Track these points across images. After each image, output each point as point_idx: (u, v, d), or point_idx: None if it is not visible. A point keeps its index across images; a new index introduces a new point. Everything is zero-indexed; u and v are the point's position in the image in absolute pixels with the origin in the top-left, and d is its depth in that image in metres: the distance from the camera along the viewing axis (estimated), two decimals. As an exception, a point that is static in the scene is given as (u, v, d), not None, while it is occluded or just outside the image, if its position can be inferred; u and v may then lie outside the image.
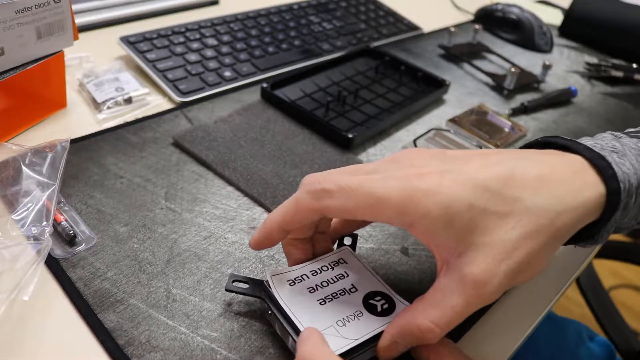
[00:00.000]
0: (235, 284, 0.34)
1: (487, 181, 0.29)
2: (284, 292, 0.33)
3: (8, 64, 0.43)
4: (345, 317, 0.32)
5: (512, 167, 0.30)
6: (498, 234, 0.28)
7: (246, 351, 0.33)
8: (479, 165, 0.30)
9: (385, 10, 0.85)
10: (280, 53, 0.66)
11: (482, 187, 0.29)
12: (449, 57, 0.75)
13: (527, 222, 0.28)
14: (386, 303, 0.33)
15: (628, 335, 0.91)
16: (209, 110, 0.55)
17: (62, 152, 0.43)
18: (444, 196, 0.28)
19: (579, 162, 0.32)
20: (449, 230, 0.28)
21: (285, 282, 0.33)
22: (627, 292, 1.50)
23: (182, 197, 0.43)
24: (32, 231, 0.37)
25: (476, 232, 0.28)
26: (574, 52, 0.85)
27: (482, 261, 0.28)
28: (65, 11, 0.45)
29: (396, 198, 0.29)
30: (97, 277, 0.36)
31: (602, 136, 0.36)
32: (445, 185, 0.29)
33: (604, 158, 0.31)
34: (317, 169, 0.48)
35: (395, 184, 0.29)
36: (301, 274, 0.34)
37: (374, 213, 0.30)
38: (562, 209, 0.29)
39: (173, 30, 0.65)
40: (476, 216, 0.28)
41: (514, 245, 0.28)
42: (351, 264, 0.35)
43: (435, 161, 0.31)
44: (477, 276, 0.28)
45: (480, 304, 0.28)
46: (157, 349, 0.32)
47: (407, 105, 0.59)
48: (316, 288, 0.33)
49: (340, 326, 0.31)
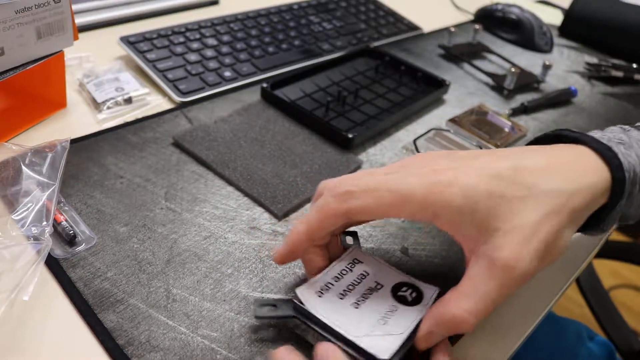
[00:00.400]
0: (264, 310, 0.33)
1: (500, 171, 0.31)
2: (317, 305, 0.32)
3: (8, 64, 0.43)
4: (383, 314, 0.32)
5: (520, 159, 0.32)
6: (520, 217, 0.29)
7: (246, 351, 0.33)
8: (488, 160, 0.32)
9: (385, 10, 0.85)
10: (280, 53, 0.66)
11: (496, 176, 0.30)
12: (449, 57, 0.75)
13: (544, 204, 0.30)
14: (414, 292, 0.34)
15: (628, 335, 0.91)
16: (209, 110, 0.55)
17: (62, 152, 0.43)
18: (464, 186, 0.30)
19: (586, 152, 0.33)
20: (473, 218, 0.30)
21: (314, 295, 0.33)
22: (627, 292, 1.50)
23: (182, 197, 0.43)
24: (32, 231, 0.37)
25: (499, 218, 0.29)
26: (574, 52, 0.85)
27: (508, 245, 0.29)
28: (65, 11, 0.45)
29: (419, 192, 0.30)
30: (97, 277, 0.36)
31: (611, 129, 0.38)
32: (462, 177, 0.30)
33: (611, 149, 0.33)
34: (317, 169, 0.48)
35: (415, 180, 0.31)
36: (325, 282, 0.34)
37: (399, 209, 0.31)
38: (575, 189, 0.31)
39: (173, 30, 0.65)
40: (496, 203, 0.29)
41: (536, 226, 0.29)
42: (366, 262, 0.36)
43: (445, 160, 0.32)
44: (506, 260, 0.29)
45: (513, 287, 0.29)
46: (157, 349, 0.32)
47: (407, 105, 0.59)
48: (345, 293, 0.33)
49: (383, 324, 0.31)
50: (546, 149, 0.34)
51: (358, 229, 0.40)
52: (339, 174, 0.48)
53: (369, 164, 0.51)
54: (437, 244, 0.43)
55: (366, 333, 0.31)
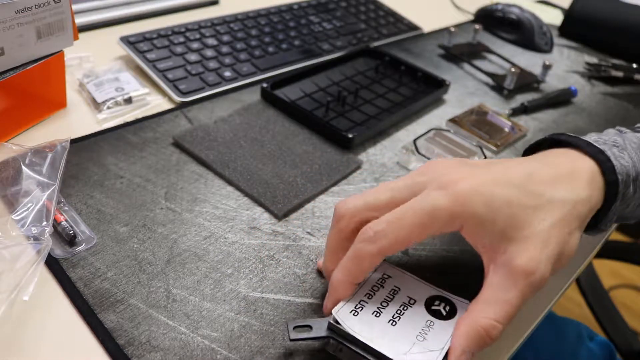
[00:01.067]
0: (299, 332, 0.32)
1: (515, 180, 0.32)
2: (354, 324, 0.32)
3: (8, 63, 0.43)
4: (420, 330, 0.32)
5: (529, 169, 0.33)
6: (534, 226, 0.31)
7: (246, 351, 0.33)
8: (502, 168, 0.33)
9: (385, 10, 0.85)
10: (280, 53, 0.66)
11: (513, 185, 0.32)
12: (449, 57, 0.75)
13: (553, 213, 0.31)
14: (447, 305, 0.34)
15: (628, 336, 0.91)
16: (209, 110, 0.55)
17: (62, 152, 0.43)
18: (486, 195, 0.31)
19: (581, 158, 0.35)
20: (493, 228, 0.31)
21: (349, 315, 0.32)
22: (627, 292, 1.50)
23: (182, 197, 0.43)
24: (32, 231, 0.37)
25: (517, 227, 0.31)
26: (574, 52, 0.85)
27: (526, 253, 0.30)
28: (65, 11, 0.45)
29: (445, 206, 0.31)
30: (97, 277, 0.36)
31: (607, 131, 0.40)
32: (482, 187, 0.31)
33: (604, 152, 0.35)
34: (317, 169, 0.48)
35: (438, 195, 0.31)
36: (358, 301, 0.33)
37: (428, 228, 0.31)
38: (578, 199, 0.32)
39: (173, 30, 0.65)
40: (513, 212, 0.31)
41: (549, 233, 0.31)
42: (396, 276, 0.36)
43: (462, 168, 0.33)
44: (525, 266, 0.30)
45: (533, 292, 0.30)
46: (157, 349, 0.32)
47: (407, 105, 0.59)
48: (379, 311, 0.33)
49: (421, 341, 0.31)
50: (548, 157, 0.36)
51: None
52: (339, 174, 0.48)
53: (369, 164, 0.51)
54: (437, 244, 0.43)
55: (406, 351, 0.31)
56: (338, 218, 0.34)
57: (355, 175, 0.49)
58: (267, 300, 0.36)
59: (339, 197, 0.46)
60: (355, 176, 0.49)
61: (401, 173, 0.51)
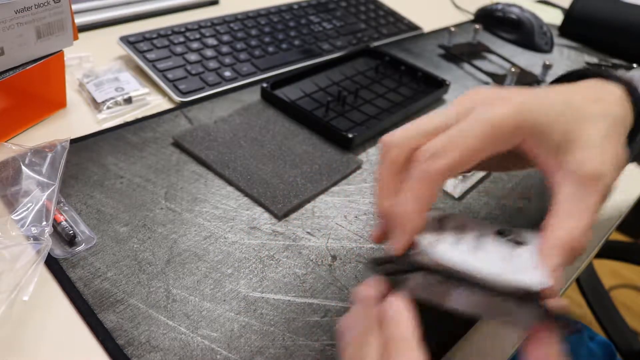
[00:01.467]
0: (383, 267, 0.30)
1: (558, 99, 0.33)
2: (444, 253, 0.29)
3: (8, 63, 0.43)
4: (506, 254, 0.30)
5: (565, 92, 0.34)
6: (591, 134, 0.31)
7: (246, 351, 0.33)
8: (541, 91, 0.34)
9: (385, 10, 0.85)
10: (280, 53, 0.66)
11: (558, 102, 0.32)
12: (449, 57, 0.75)
13: (601, 126, 0.32)
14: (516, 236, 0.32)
15: (628, 336, 0.91)
16: (209, 110, 0.55)
17: (62, 152, 0.43)
18: (540, 106, 0.31)
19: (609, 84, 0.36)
20: (555, 137, 0.31)
21: (432, 245, 0.30)
22: (627, 292, 1.50)
23: (182, 197, 0.43)
24: (32, 231, 0.37)
25: (574, 136, 0.31)
26: (574, 52, 0.85)
27: (592, 158, 0.30)
28: (65, 11, 0.45)
29: (508, 115, 0.30)
30: (97, 277, 0.36)
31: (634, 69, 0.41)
32: (534, 101, 0.31)
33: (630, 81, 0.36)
34: (317, 169, 0.48)
35: (498, 107, 0.31)
36: (431, 235, 0.30)
37: (493, 141, 0.30)
38: (617, 116, 0.33)
39: (173, 30, 0.65)
40: (570, 122, 0.31)
41: (606, 140, 0.31)
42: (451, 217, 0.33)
43: (505, 89, 0.33)
44: (596, 170, 0.30)
45: (606, 196, 0.30)
46: (157, 349, 0.32)
47: (407, 105, 0.59)
48: (457, 241, 0.31)
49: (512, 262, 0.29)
50: (578, 85, 0.36)
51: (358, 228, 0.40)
52: (339, 174, 0.48)
53: (369, 164, 0.51)
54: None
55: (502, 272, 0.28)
56: (388, 148, 0.32)
57: (355, 175, 0.49)
58: (267, 300, 0.36)
59: (339, 197, 0.46)
60: (355, 176, 0.49)
61: (401, 173, 0.51)
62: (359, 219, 0.44)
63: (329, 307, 0.36)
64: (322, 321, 0.36)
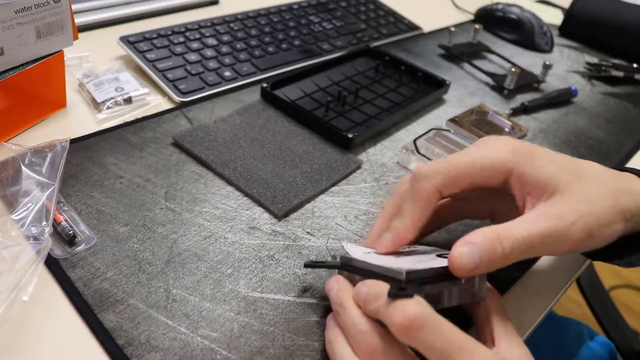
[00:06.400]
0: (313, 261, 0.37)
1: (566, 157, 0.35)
2: (361, 257, 0.34)
3: (8, 63, 0.43)
4: (419, 260, 0.33)
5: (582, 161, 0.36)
6: (577, 188, 0.32)
7: (246, 351, 0.33)
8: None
9: (385, 10, 0.85)
10: (280, 53, 0.66)
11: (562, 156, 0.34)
12: (449, 57, 0.75)
13: (599, 187, 0.33)
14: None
15: (628, 335, 0.91)
16: (208, 110, 0.55)
17: (61, 152, 0.43)
18: (535, 149, 0.34)
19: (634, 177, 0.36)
20: (538, 176, 0.32)
21: (360, 251, 0.36)
22: (627, 292, 1.50)
23: (182, 197, 0.43)
24: (32, 231, 0.37)
25: (559, 183, 0.32)
26: (574, 52, 0.85)
27: (567, 203, 0.32)
28: (64, 11, 0.45)
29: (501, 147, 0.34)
30: (97, 277, 0.36)
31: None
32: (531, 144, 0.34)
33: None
34: (317, 169, 0.48)
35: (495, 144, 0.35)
36: (375, 250, 0.36)
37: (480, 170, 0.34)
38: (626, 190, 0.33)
39: (173, 30, 0.65)
40: (557, 170, 0.33)
41: (590, 199, 0.32)
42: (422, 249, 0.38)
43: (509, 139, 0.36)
44: (561, 209, 0.31)
45: (556, 237, 0.31)
46: (157, 349, 0.32)
47: (407, 105, 0.59)
48: (389, 254, 0.35)
49: (415, 263, 0.32)
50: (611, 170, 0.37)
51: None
52: (339, 174, 0.48)
53: (369, 164, 0.51)
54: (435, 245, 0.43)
55: (397, 265, 0.32)
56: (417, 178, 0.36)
57: (355, 175, 0.49)
58: (267, 300, 0.36)
59: (339, 197, 0.46)
60: (355, 176, 0.49)
61: (401, 173, 0.51)
62: (359, 219, 0.44)
63: (329, 307, 0.36)
64: (322, 321, 0.36)
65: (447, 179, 0.34)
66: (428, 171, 0.34)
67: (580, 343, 0.67)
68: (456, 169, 0.34)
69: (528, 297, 0.41)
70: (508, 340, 0.31)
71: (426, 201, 0.34)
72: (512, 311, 0.39)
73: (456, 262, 0.30)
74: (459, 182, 0.34)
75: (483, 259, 0.30)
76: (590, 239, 0.32)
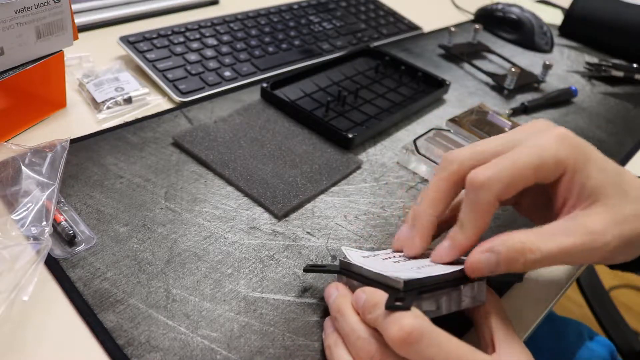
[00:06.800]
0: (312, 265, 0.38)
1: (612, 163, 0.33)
2: (360, 261, 0.34)
3: (8, 63, 0.43)
4: (420, 266, 0.33)
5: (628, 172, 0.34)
6: (617, 203, 0.31)
7: (246, 351, 0.33)
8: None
9: (385, 10, 0.85)
10: (280, 53, 0.66)
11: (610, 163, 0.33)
12: (449, 57, 0.75)
13: (636, 206, 0.31)
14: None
15: (628, 336, 0.91)
16: (208, 110, 0.55)
17: (61, 152, 0.43)
18: (587, 151, 0.32)
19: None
20: (587, 182, 0.31)
21: (359, 256, 0.36)
22: (627, 292, 1.50)
23: (182, 197, 0.43)
24: (32, 231, 0.37)
25: (602, 194, 0.31)
26: (575, 52, 0.85)
27: (603, 216, 0.30)
28: (64, 11, 0.45)
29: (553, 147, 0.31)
30: (97, 277, 0.36)
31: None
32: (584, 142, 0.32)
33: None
34: (317, 169, 0.48)
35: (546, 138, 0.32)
36: (375, 254, 0.36)
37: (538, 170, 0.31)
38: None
39: (173, 30, 0.65)
40: (604, 180, 0.31)
41: (627, 217, 0.31)
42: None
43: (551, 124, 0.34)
44: (593, 227, 0.30)
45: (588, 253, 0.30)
46: (157, 349, 0.32)
47: (407, 105, 0.59)
48: (389, 258, 0.35)
49: (415, 269, 0.32)
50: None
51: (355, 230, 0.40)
52: (339, 174, 0.48)
53: (369, 164, 0.51)
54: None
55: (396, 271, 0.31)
56: (448, 163, 0.34)
57: (355, 175, 0.49)
58: (267, 300, 0.36)
59: (339, 197, 0.46)
60: (355, 176, 0.49)
61: (401, 173, 0.51)
62: (359, 219, 0.44)
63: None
64: (322, 321, 0.35)
65: (507, 187, 0.31)
66: (489, 180, 0.31)
67: (580, 343, 0.67)
68: (514, 174, 0.31)
69: (528, 297, 0.41)
70: (508, 344, 0.31)
71: (488, 212, 0.32)
72: (512, 311, 0.39)
73: (474, 268, 0.30)
74: (518, 187, 0.32)
75: (500, 267, 0.30)
76: (617, 257, 0.32)
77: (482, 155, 0.33)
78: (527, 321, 0.39)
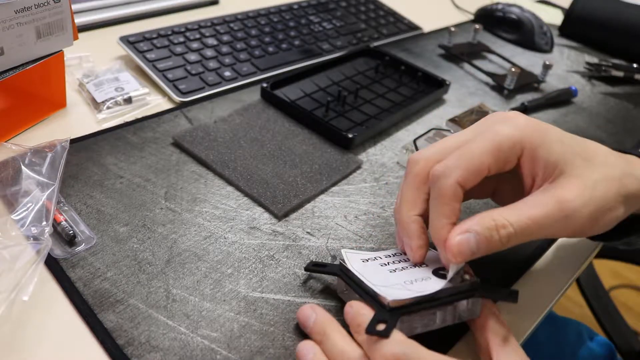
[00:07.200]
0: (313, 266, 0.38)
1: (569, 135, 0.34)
2: (357, 266, 0.35)
3: (8, 63, 0.43)
4: (413, 279, 0.33)
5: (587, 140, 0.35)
6: (584, 171, 0.32)
7: (246, 351, 0.33)
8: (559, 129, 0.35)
9: (385, 10, 0.85)
10: (280, 53, 0.66)
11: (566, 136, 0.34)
12: (449, 57, 0.75)
13: (604, 170, 0.32)
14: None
15: (628, 336, 0.91)
16: (208, 110, 0.55)
17: (61, 152, 0.43)
18: (541, 129, 0.33)
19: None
20: (549, 158, 0.32)
21: (358, 260, 0.36)
22: (627, 292, 1.50)
23: (182, 197, 0.43)
24: (32, 231, 0.37)
25: (567, 165, 0.32)
26: (574, 52, 0.85)
27: (573, 187, 0.31)
28: (64, 11, 0.45)
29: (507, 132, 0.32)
30: (97, 277, 0.36)
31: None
32: (538, 122, 0.33)
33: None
34: (317, 169, 0.48)
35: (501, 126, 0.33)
36: (375, 256, 0.36)
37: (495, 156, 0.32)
38: (629, 174, 0.33)
39: (173, 30, 0.65)
40: (566, 151, 0.32)
41: (596, 183, 0.32)
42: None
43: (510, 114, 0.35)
44: (567, 194, 0.31)
45: (560, 222, 0.31)
46: (157, 349, 0.32)
47: (407, 105, 0.59)
48: (388, 263, 0.35)
49: (409, 284, 0.32)
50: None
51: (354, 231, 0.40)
52: (339, 174, 0.48)
53: (369, 164, 0.51)
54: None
55: (387, 285, 0.32)
56: (413, 163, 0.35)
57: (355, 175, 0.49)
58: (267, 300, 0.36)
59: (339, 197, 0.46)
60: (355, 176, 0.49)
61: (401, 173, 0.51)
62: (359, 219, 0.44)
63: (328, 307, 0.36)
64: (322, 321, 0.35)
65: (466, 172, 0.32)
66: (447, 168, 0.32)
67: (580, 343, 0.67)
68: (473, 160, 0.32)
69: (528, 297, 0.41)
70: (505, 350, 0.31)
71: (451, 198, 0.32)
72: (512, 311, 0.39)
73: (453, 249, 0.31)
74: (479, 173, 0.32)
75: (480, 247, 0.30)
76: (594, 225, 0.32)
77: (445, 150, 0.34)
78: (527, 321, 0.39)
